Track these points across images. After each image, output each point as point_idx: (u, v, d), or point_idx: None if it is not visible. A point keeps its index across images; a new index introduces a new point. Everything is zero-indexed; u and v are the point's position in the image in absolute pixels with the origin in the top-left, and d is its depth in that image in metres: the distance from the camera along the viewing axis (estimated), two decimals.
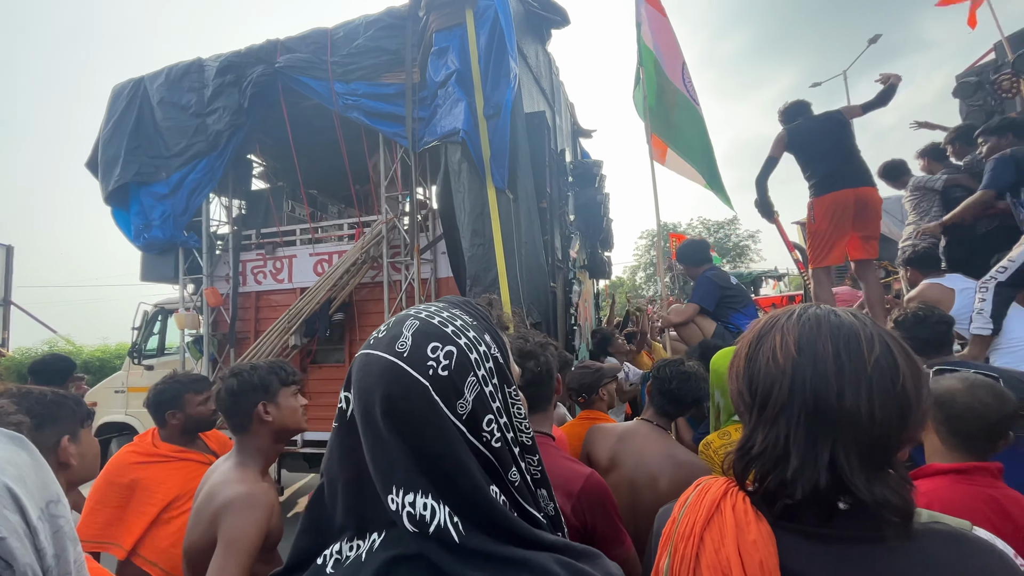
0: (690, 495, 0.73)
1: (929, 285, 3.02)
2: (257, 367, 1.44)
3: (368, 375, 0.55)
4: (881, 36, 13.58)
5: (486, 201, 3.24)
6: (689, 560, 0.65)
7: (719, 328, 3.18)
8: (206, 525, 1.20)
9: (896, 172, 4.48)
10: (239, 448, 1.38)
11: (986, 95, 5.76)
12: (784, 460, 0.61)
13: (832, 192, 3.53)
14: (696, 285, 3.37)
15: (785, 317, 0.68)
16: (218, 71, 4.65)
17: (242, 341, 4.96)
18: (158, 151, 4.88)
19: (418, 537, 0.50)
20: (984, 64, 6.23)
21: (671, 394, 1.72)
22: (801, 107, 3.82)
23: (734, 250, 27.66)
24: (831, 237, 3.59)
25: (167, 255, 4.98)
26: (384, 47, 4.07)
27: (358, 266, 4.48)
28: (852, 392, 0.59)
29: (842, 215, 3.51)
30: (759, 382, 0.65)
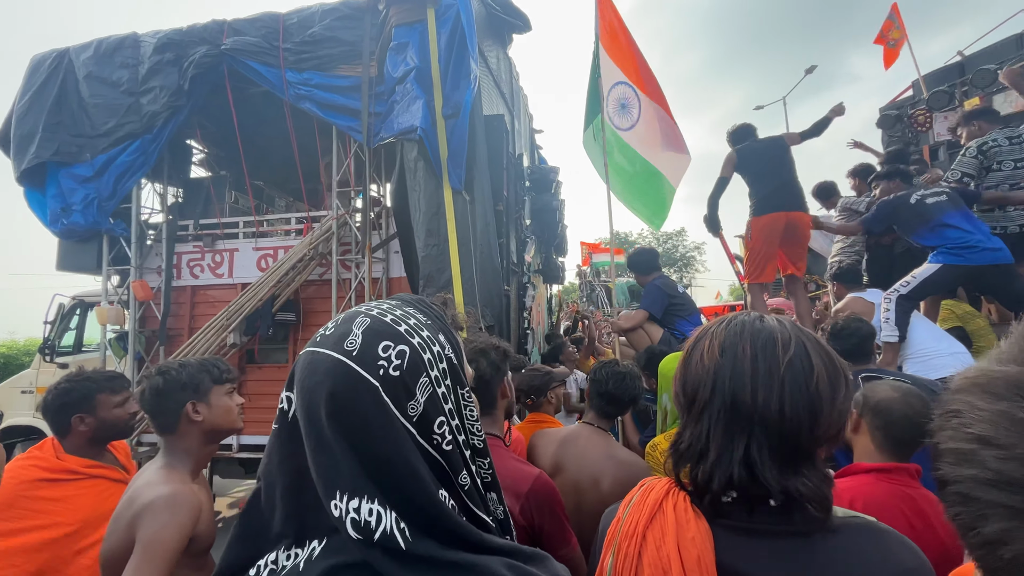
0: (634, 495, 0.74)
1: (853, 299, 3.29)
2: (186, 364, 1.36)
3: (313, 374, 0.52)
4: (817, 67, 14.69)
5: (442, 201, 3.20)
6: (632, 558, 0.66)
7: (666, 335, 3.29)
8: (124, 530, 1.12)
9: (827, 193, 4.86)
10: (166, 450, 1.30)
11: (904, 127, 6.37)
12: (705, 454, 0.65)
13: (768, 214, 3.81)
14: (645, 292, 3.47)
15: (717, 324, 0.72)
16: (156, 48, 4.33)
17: (174, 339, 4.63)
18: (82, 129, 4.47)
19: (362, 544, 0.47)
20: (904, 99, 6.89)
21: (608, 395, 1.77)
22: (748, 130, 4.09)
23: (681, 260, 28.95)
24: (764, 256, 3.87)
25: (89, 243, 4.56)
26: (340, 38, 3.94)
27: (305, 263, 4.30)
28: (765, 391, 0.62)
29: (772, 236, 3.80)
30: (690, 383, 0.69)
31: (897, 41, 7.22)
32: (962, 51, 6.55)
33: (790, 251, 3.91)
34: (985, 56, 5.91)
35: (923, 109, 5.93)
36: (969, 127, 3.74)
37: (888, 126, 6.53)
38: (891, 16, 7.24)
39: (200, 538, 1.20)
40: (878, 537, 0.62)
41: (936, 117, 5.74)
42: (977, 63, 5.78)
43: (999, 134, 3.38)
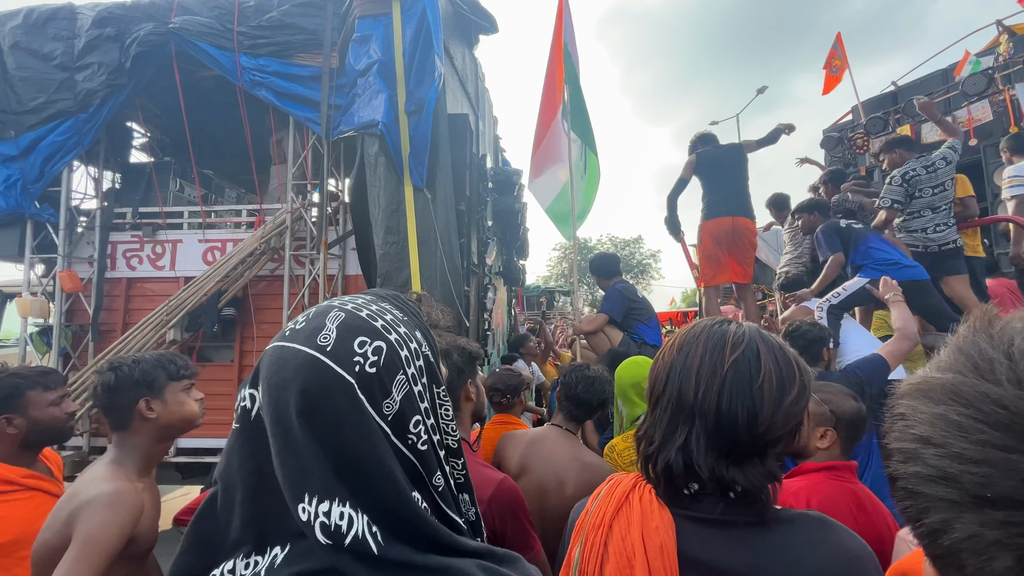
0: (603, 488, 0.76)
1: (798, 308, 3.49)
2: (140, 360, 1.30)
3: (282, 369, 0.49)
4: (767, 88, 15.51)
5: (402, 198, 3.14)
6: (598, 547, 0.69)
7: (625, 338, 3.36)
8: (61, 524, 1.08)
9: (781, 204, 5.16)
10: (115, 445, 1.26)
11: (844, 149, 6.86)
12: (651, 440, 0.71)
13: (715, 218, 4.01)
14: (606, 297, 3.53)
15: (687, 327, 0.76)
16: (95, 22, 4.03)
17: (107, 334, 4.30)
18: (7, 104, 4.10)
19: (330, 549, 0.45)
20: (844, 123, 7.41)
21: (577, 398, 1.78)
22: (710, 137, 4.31)
23: (637, 267, 29.83)
24: (715, 259, 4.06)
25: (10, 228, 4.18)
26: (300, 25, 3.80)
27: (256, 257, 4.11)
28: (705, 386, 0.67)
29: (720, 239, 4.00)
30: (652, 378, 0.75)
31: (839, 68, 7.73)
32: (896, 81, 7.12)
33: (738, 256, 4.09)
34: (916, 87, 6.46)
35: (861, 133, 6.40)
36: (891, 155, 4.06)
37: (830, 147, 7.01)
38: (835, 45, 7.74)
39: (140, 539, 1.17)
40: (826, 527, 0.67)
41: (872, 140, 6.20)
42: (909, 93, 6.30)
43: (916, 163, 3.68)
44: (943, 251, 3.61)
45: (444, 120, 3.23)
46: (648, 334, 3.44)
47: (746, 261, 4.16)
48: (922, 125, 5.85)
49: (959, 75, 5.89)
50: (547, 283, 31.47)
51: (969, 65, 5.99)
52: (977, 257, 4.10)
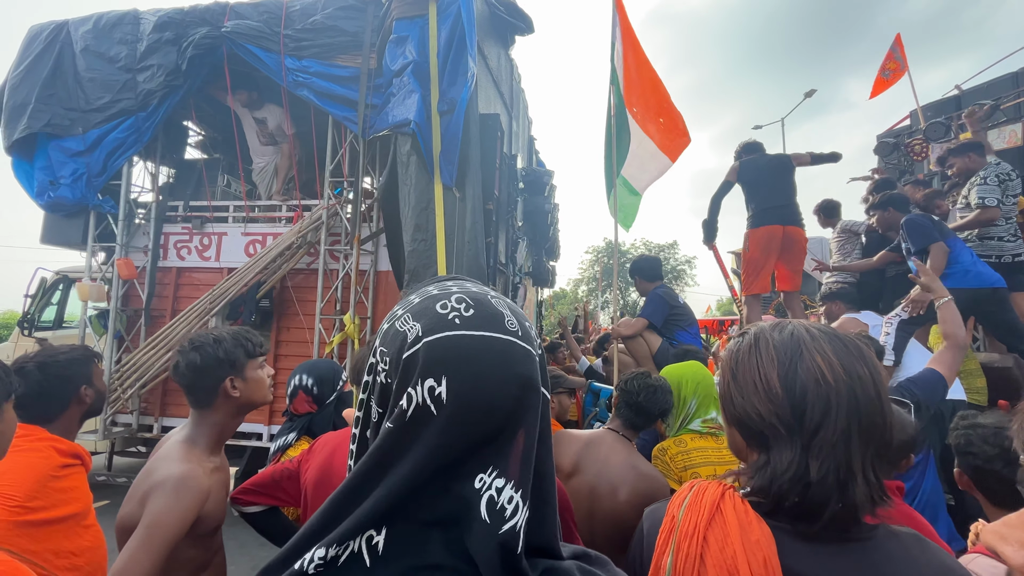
0: (687, 496, 0.73)
1: (848, 319, 3.32)
2: (221, 339, 1.31)
3: (483, 357, 0.47)
4: (816, 91, 14.84)
5: (432, 197, 3.19)
6: (694, 559, 0.66)
7: (664, 344, 3.29)
8: (137, 502, 1.14)
9: (831, 211, 4.91)
10: (194, 423, 1.29)
11: (900, 156, 6.47)
12: (846, 485, 0.62)
13: (765, 226, 3.91)
14: (647, 301, 3.46)
15: (806, 335, 0.70)
16: (156, 26, 4.31)
17: (157, 319, 4.58)
18: (76, 103, 4.43)
19: (483, 530, 0.43)
20: (901, 128, 6.99)
21: (638, 406, 1.74)
22: (756, 146, 4.24)
23: (672, 273, 29.16)
24: (760, 266, 3.95)
25: (75, 218, 4.51)
26: (342, 28, 3.93)
27: (293, 251, 4.27)
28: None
29: (770, 247, 3.89)
30: (808, 405, 0.64)
31: (892, 72, 7.30)
32: (960, 85, 6.66)
33: (788, 265, 4.00)
34: (982, 92, 6.01)
35: (920, 139, 6.02)
36: (962, 159, 3.80)
37: (885, 153, 6.62)
38: (893, 47, 7.32)
39: (207, 519, 1.20)
40: (923, 544, 0.66)
41: (932, 147, 5.83)
42: (974, 98, 5.86)
43: (1004, 166, 3.43)
44: (1015, 263, 3.37)
45: (475, 120, 3.26)
46: (687, 340, 3.34)
47: (796, 269, 4.06)
48: (987, 132, 5.47)
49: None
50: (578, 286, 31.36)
51: None
52: None
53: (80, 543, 1.30)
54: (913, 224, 3.25)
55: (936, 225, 3.21)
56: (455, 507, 0.44)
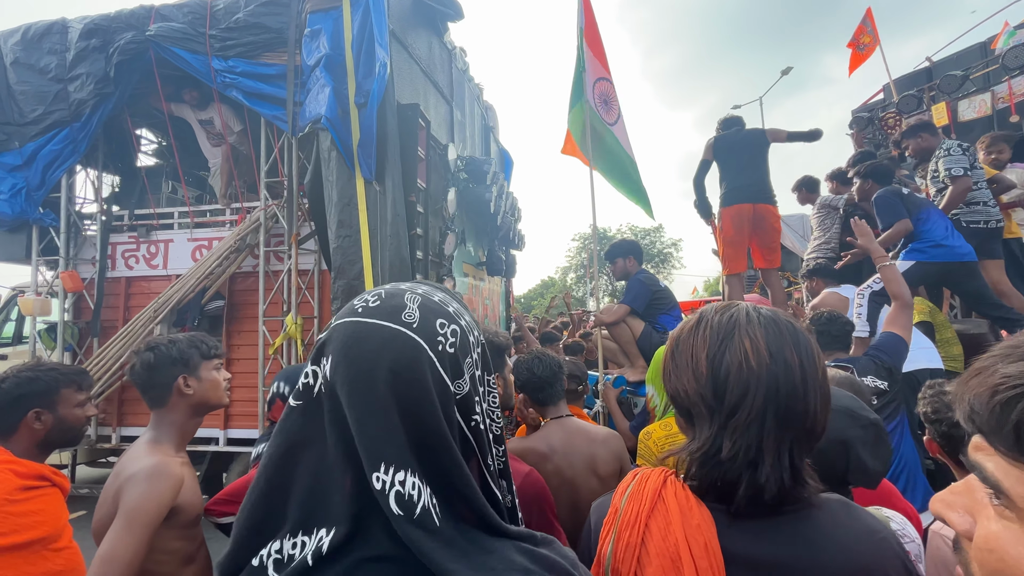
0: (630, 485, 0.74)
1: (829, 293, 3.35)
2: (176, 341, 1.36)
3: (367, 341, 0.50)
4: (792, 68, 14.67)
5: (354, 192, 3.16)
6: (634, 547, 0.67)
7: (647, 328, 3.30)
8: (111, 501, 1.17)
9: (812, 187, 4.89)
10: (154, 423, 1.33)
11: (875, 129, 6.43)
12: (757, 464, 0.64)
13: (735, 205, 3.92)
14: (628, 287, 3.45)
15: (743, 318, 0.70)
16: (82, 34, 4.24)
17: (108, 330, 4.57)
18: (10, 117, 4.39)
19: (402, 520, 0.45)
20: (875, 102, 6.93)
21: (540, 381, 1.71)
22: (733, 121, 4.21)
23: (658, 257, 29.15)
24: (737, 244, 3.96)
25: (18, 233, 4.50)
26: (265, 24, 3.86)
27: (237, 254, 4.25)
28: (812, 398, 0.65)
29: (742, 225, 3.90)
30: (729, 387, 0.66)
31: (867, 46, 7.22)
32: (931, 57, 6.60)
33: (761, 242, 4.00)
34: (952, 62, 5.98)
35: (893, 112, 5.99)
36: (915, 140, 3.83)
37: (860, 127, 6.59)
38: (864, 21, 7.23)
39: (185, 509, 1.23)
40: (849, 509, 0.68)
41: (905, 120, 5.77)
42: (945, 69, 5.83)
43: (955, 141, 3.44)
44: (998, 228, 3.42)
45: (392, 111, 3.21)
46: (670, 324, 3.35)
47: (771, 246, 4.06)
48: (959, 103, 5.42)
49: (996, 47, 5.41)
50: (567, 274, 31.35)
51: (1005, 35, 5.48)
52: (1015, 238, 3.84)
53: (49, 567, 1.24)
54: (881, 200, 3.31)
55: (905, 200, 3.22)
56: (374, 501, 0.47)
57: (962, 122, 5.34)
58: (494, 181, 4.53)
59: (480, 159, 4.56)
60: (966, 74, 5.39)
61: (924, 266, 3.06)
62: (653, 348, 3.05)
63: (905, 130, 4.08)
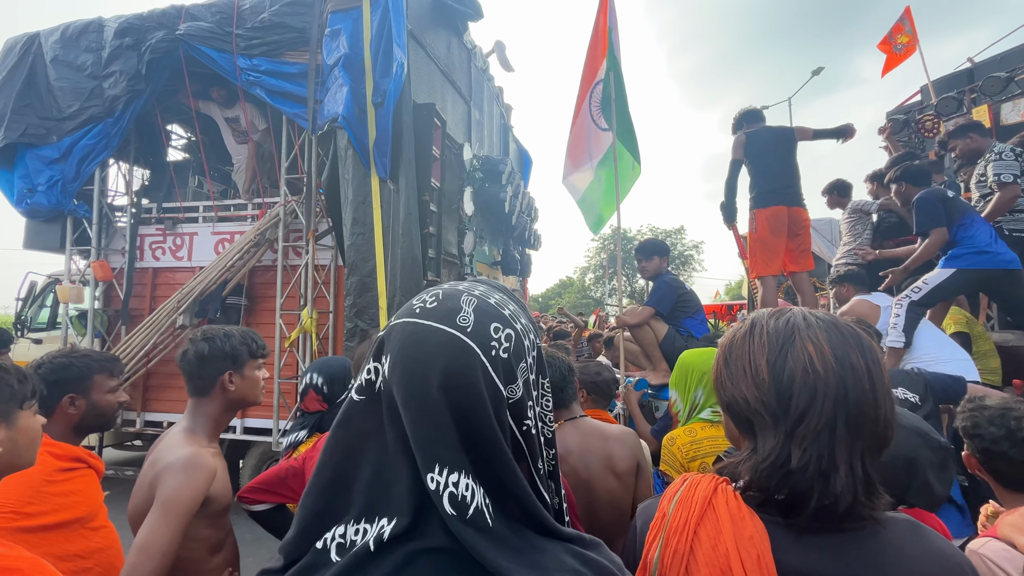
0: (678, 490, 0.72)
1: (859, 301, 3.20)
2: (230, 334, 1.38)
3: (422, 344, 0.51)
4: (824, 69, 14.22)
5: (369, 190, 3.20)
6: (682, 555, 0.65)
7: (671, 331, 3.24)
8: (146, 489, 1.20)
9: (843, 190, 4.74)
10: (192, 412, 1.36)
11: (911, 132, 6.18)
12: (827, 475, 0.61)
13: (772, 206, 3.80)
14: (654, 289, 3.40)
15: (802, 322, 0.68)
16: (116, 32, 4.41)
17: (136, 319, 4.74)
18: (49, 112, 4.59)
19: (456, 520, 0.47)
20: (911, 104, 6.67)
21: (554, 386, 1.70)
22: (757, 114, 4.07)
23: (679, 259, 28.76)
24: (773, 247, 3.82)
25: (53, 223, 4.70)
26: (289, 24, 3.94)
27: (256, 248, 4.35)
28: (883, 403, 0.63)
29: (779, 228, 3.78)
30: (794, 393, 0.64)
31: (904, 46, 6.95)
32: (972, 57, 6.32)
33: (795, 246, 3.89)
34: (995, 64, 5.72)
35: (931, 114, 5.75)
36: (963, 140, 3.65)
37: (895, 131, 6.34)
38: (903, 19, 6.95)
39: (216, 499, 1.25)
40: (917, 530, 0.65)
41: (944, 123, 5.55)
42: (987, 70, 5.58)
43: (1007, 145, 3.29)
44: None
45: (408, 111, 3.24)
46: (695, 328, 3.30)
47: (803, 248, 3.95)
48: (1001, 105, 5.18)
49: None
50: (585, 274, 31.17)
51: None
52: None
53: (87, 545, 1.29)
54: (922, 203, 3.13)
55: (948, 204, 3.05)
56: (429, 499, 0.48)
57: (1005, 126, 5.09)
58: (509, 181, 4.53)
59: (496, 159, 4.57)
60: (1011, 76, 5.15)
61: (966, 273, 2.90)
62: (677, 352, 2.98)
63: (953, 129, 3.86)
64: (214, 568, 1.28)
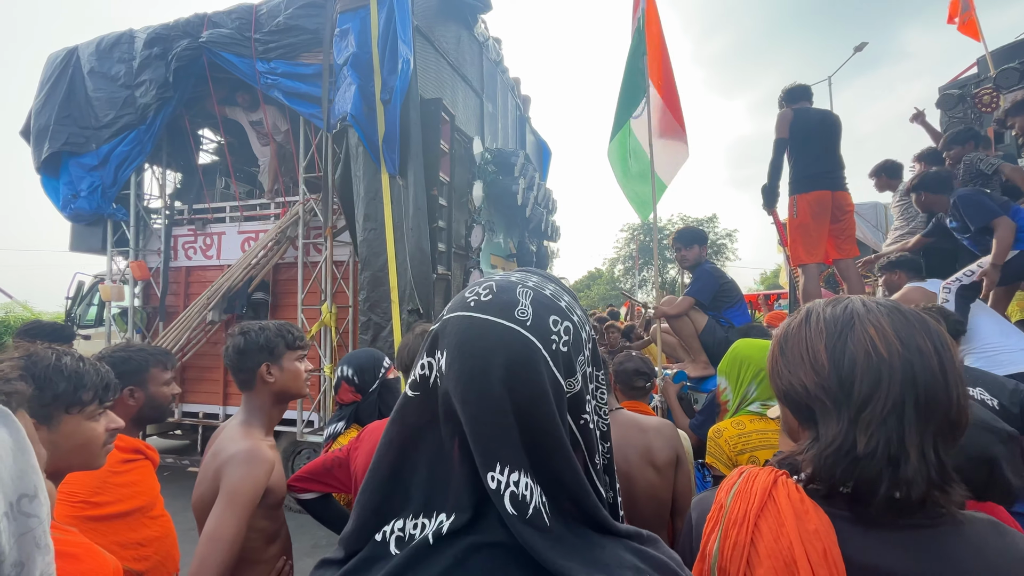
0: (736, 482, 0.71)
1: (913, 288, 3.03)
2: (265, 328, 1.41)
3: (481, 339, 0.50)
4: (867, 44, 13.47)
5: (380, 186, 3.26)
6: (743, 547, 0.64)
7: (710, 322, 3.16)
8: (210, 480, 1.24)
9: (893, 172, 4.50)
10: (245, 406, 1.40)
11: (966, 108, 5.75)
12: (897, 462, 0.59)
13: (815, 191, 3.60)
14: (695, 278, 3.30)
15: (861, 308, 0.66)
16: (146, 43, 4.62)
17: (172, 315, 5.01)
18: (88, 121, 4.87)
19: (516, 520, 0.46)
20: (967, 77, 6.19)
21: None
22: (805, 91, 3.81)
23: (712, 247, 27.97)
24: (817, 233, 3.64)
25: (95, 226, 5.00)
26: (303, 26, 4.04)
27: (278, 246, 4.51)
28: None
29: (823, 214, 3.59)
30: (857, 377, 0.62)
31: (968, 17, 6.46)
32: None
33: (839, 232, 3.71)
34: None
35: (989, 88, 5.31)
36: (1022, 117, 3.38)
37: (949, 106, 5.87)
38: None
39: (274, 490, 1.29)
40: (999, 530, 0.62)
41: (1004, 96, 5.16)
42: None
43: None
44: None
45: (415, 106, 3.28)
46: (736, 318, 3.22)
47: (848, 234, 3.75)
48: None
49: None
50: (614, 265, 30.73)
51: None
52: None
53: (147, 534, 1.35)
54: (969, 201, 2.96)
55: (992, 197, 2.91)
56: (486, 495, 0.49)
57: None
58: (523, 173, 4.52)
59: (508, 151, 4.57)
60: None
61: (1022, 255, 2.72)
62: (717, 343, 2.97)
63: (1010, 106, 3.57)
64: (270, 557, 1.32)
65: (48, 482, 0.70)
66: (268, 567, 1.31)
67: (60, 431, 0.96)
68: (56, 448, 0.96)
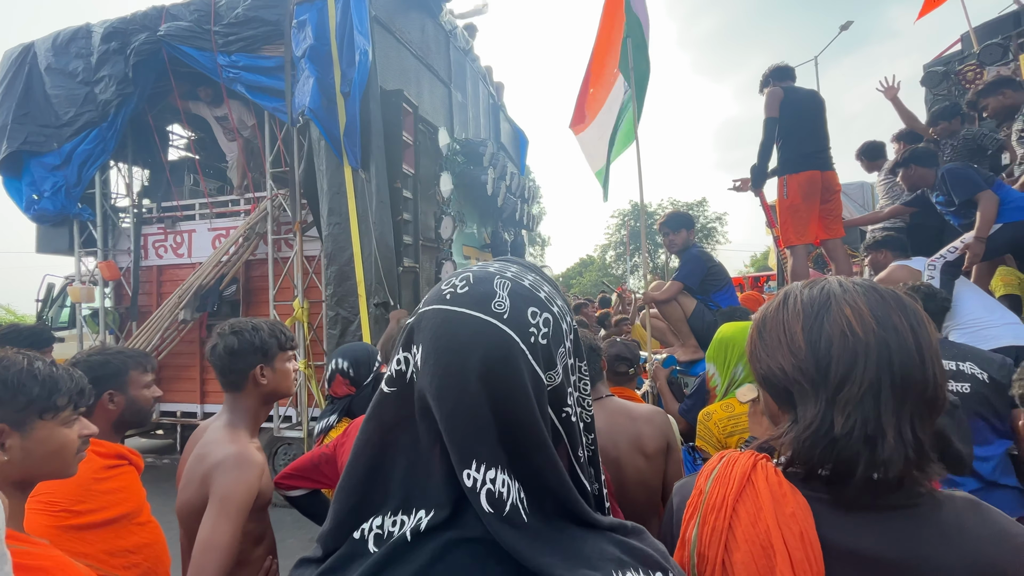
0: (715, 467, 0.70)
1: (898, 266, 3.04)
2: (259, 328, 1.36)
3: (456, 334, 0.48)
4: (852, 23, 13.47)
5: (343, 180, 3.25)
6: (721, 532, 0.64)
7: (699, 306, 3.19)
8: (198, 485, 1.21)
9: (876, 153, 4.54)
10: (230, 407, 1.35)
11: (951, 85, 5.79)
12: (873, 441, 0.58)
13: (806, 171, 3.59)
14: (683, 262, 3.31)
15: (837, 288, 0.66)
16: (103, 37, 4.51)
17: (145, 315, 4.96)
18: (48, 120, 4.76)
19: (492, 518, 0.46)
20: (951, 54, 6.21)
21: None
22: (788, 71, 3.83)
23: (702, 231, 28.13)
24: (807, 214, 3.64)
25: (61, 227, 4.92)
26: (263, 18, 3.97)
27: (248, 242, 4.48)
28: (930, 365, 0.60)
29: (813, 194, 3.60)
30: (833, 358, 0.61)
31: None
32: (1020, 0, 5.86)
33: (827, 212, 3.72)
34: None
35: (973, 64, 5.34)
36: (996, 97, 3.41)
37: (933, 84, 5.88)
38: None
39: (264, 493, 1.27)
40: (978, 509, 0.61)
41: (988, 72, 5.20)
42: None
43: None
44: None
45: (376, 99, 3.25)
46: (724, 302, 3.23)
47: (836, 214, 3.76)
48: None
49: None
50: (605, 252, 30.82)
51: None
52: None
53: (135, 541, 1.31)
54: (956, 174, 2.98)
55: (979, 172, 2.93)
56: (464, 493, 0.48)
57: None
58: (492, 163, 4.51)
59: (476, 141, 4.55)
60: None
61: (1013, 227, 2.76)
62: (706, 327, 2.98)
63: (982, 88, 3.54)
64: (256, 559, 1.31)
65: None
66: (255, 568, 1.30)
67: (33, 437, 0.93)
68: (29, 455, 0.93)
